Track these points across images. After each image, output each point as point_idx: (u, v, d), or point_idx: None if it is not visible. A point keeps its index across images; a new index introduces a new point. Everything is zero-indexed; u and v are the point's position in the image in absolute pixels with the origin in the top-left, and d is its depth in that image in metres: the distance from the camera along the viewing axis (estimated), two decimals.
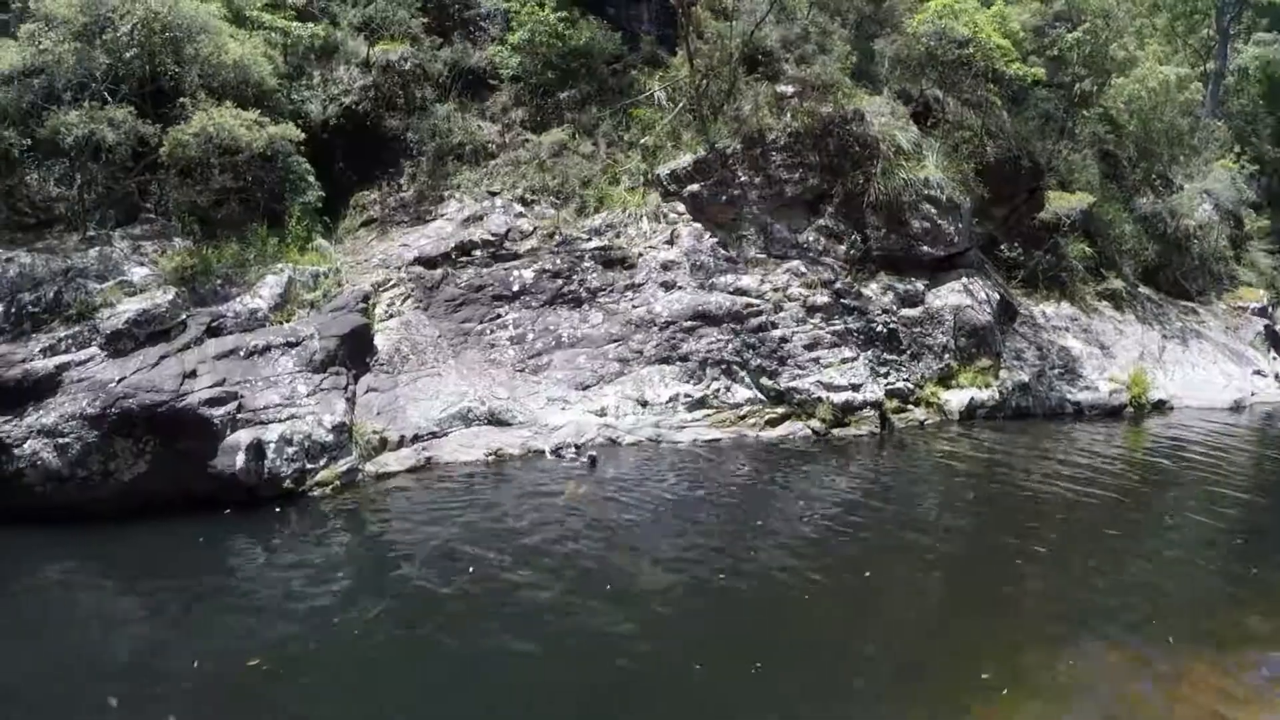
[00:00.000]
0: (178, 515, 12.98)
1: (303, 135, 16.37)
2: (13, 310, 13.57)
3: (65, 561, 11.87)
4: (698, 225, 19.24)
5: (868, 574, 11.25)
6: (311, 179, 17.08)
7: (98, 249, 14.54)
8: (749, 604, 10.43)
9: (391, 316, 16.73)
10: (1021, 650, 9.54)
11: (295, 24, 18.56)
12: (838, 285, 19.29)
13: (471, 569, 11.07)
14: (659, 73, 21.53)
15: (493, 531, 12.32)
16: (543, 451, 15.51)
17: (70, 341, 13.44)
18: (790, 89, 20.55)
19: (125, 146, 14.94)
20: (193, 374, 13.48)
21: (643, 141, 20.11)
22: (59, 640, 9.85)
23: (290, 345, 14.58)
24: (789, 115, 20.08)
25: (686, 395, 17.27)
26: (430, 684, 8.87)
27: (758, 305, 18.45)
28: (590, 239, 18.58)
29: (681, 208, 19.41)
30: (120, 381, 13.15)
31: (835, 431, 17.54)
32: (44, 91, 14.96)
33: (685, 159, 19.59)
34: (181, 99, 15.55)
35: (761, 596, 10.61)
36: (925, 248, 20.36)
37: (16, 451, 12.69)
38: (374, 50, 19.53)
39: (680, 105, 20.59)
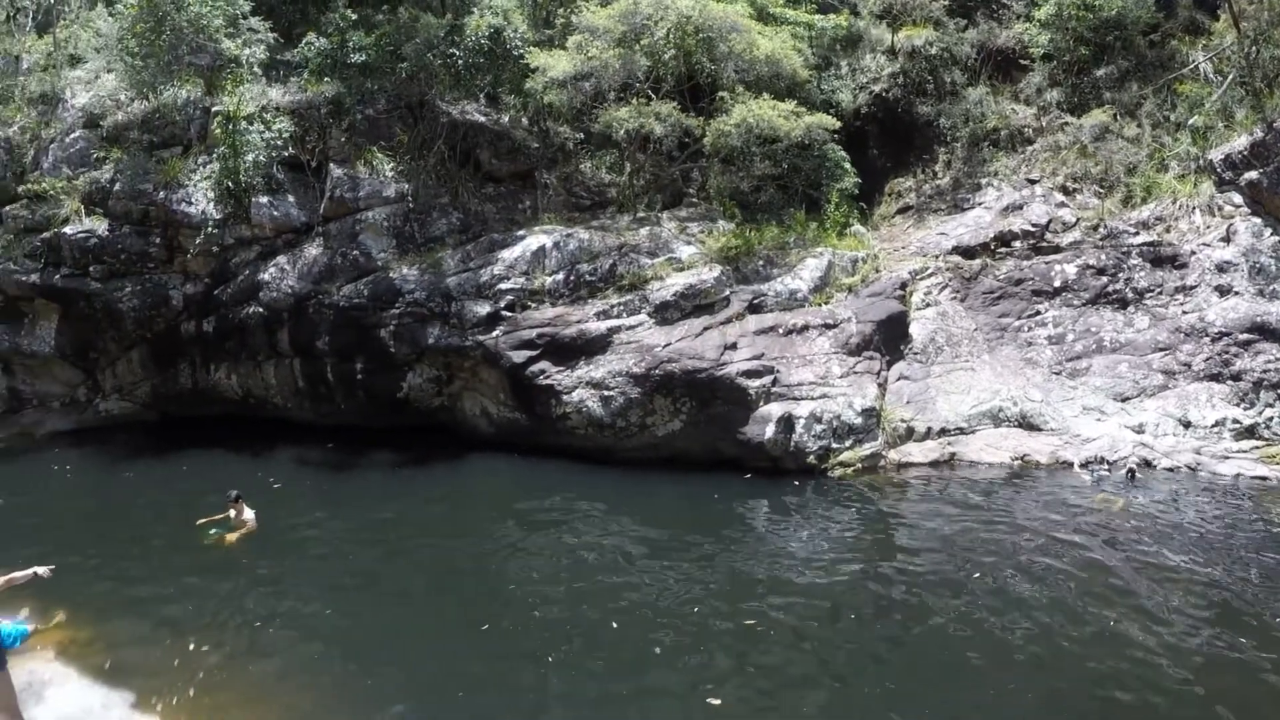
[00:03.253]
0: (699, 472, 15.26)
1: (837, 124, 18.22)
2: (571, 278, 16.82)
3: (599, 498, 14.47)
4: (1256, 220, 17.90)
5: None
6: (847, 165, 18.94)
7: (648, 229, 17.55)
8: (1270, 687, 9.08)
9: (928, 306, 17.74)
10: None
11: (817, 17, 20.73)
12: None
13: (978, 574, 11.35)
14: (1201, 41, 20.62)
15: (1008, 538, 12.49)
16: (1071, 464, 15.37)
17: (622, 308, 16.35)
18: None
19: (671, 138, 17.87)
20: (733, 346, 15.67)
21: (1190, 122, 19.30)
22: (581, 561, 12.06)
23: (827, 327, 16.29)
24: None
25: (1234, 421, 16.19)
26: (905, 674, 9.22)
27: None
28: (1137, 233, 18.24)
29: (1238, 198, 18.24)
30: (665, 347, 15.69)
31: None
32: (592, 92, 18.29)
33: (1240, 141, 18.38)
34: (720, 93, 18.15)
35: None
36: None
37: (565, 398, 15.86)
38: (898, 37, 21.16)
39: (1229, 78, 19.35)
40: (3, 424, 18.79)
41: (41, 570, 9.37)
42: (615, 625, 10.18)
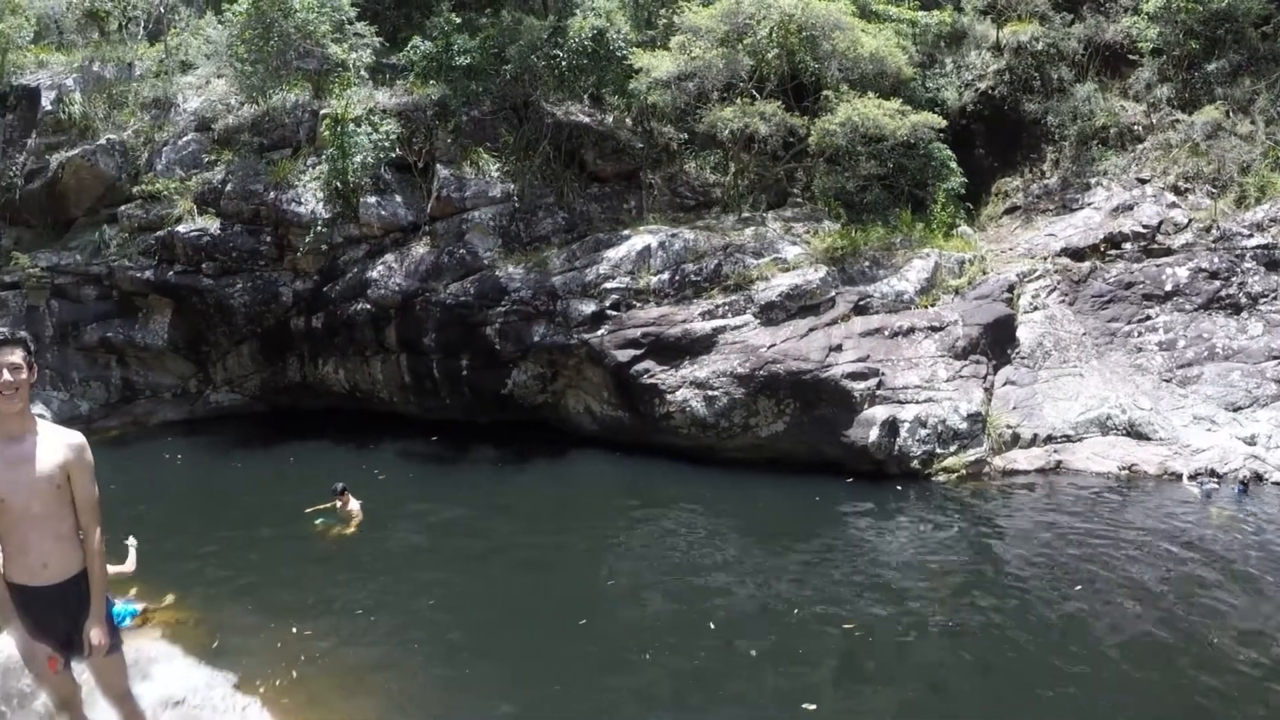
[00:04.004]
0: (800, 474, 15.53)
1: (943, 122, 18.41)
2: (676, 278, 17.30)
3: (701, 497, 14.83)
4: None
5: None
6: (953, 165, 19.10)
7: (753, 228, 17.95)
8: None
9: (1036, 309, 17.75)
10: None
11: (920, 13, 20.92)
12: None
13: (1079, 586, 11.26)
14: None
15: (1113, 552, 12.31)
16: (1179, 475, 15.15)
17: (727, 308, 16.74)
18: None
19: (776, 137, 18.25)
20: (838, 348, 15.94)
21: None
22: (680, 561, 12.33)
23: (934, 329, 16.44)
24: None
25: None
26: (1009, 687, 9.15)
27: None
28: (1251, 235, 18.06)
29: None
30: (770, 348, 16.05)
31: None
32: (695, 92, 18.73)
33: None
34: (824, 92, 18.46)
35: None
36: None
37: (669, 397, 16.31)
38: (1003, 32, 21.22)
39: None
40: (116, 413, 19.93)
41: (128, 543, 10.28)
42: (712, 626, 10.40)
